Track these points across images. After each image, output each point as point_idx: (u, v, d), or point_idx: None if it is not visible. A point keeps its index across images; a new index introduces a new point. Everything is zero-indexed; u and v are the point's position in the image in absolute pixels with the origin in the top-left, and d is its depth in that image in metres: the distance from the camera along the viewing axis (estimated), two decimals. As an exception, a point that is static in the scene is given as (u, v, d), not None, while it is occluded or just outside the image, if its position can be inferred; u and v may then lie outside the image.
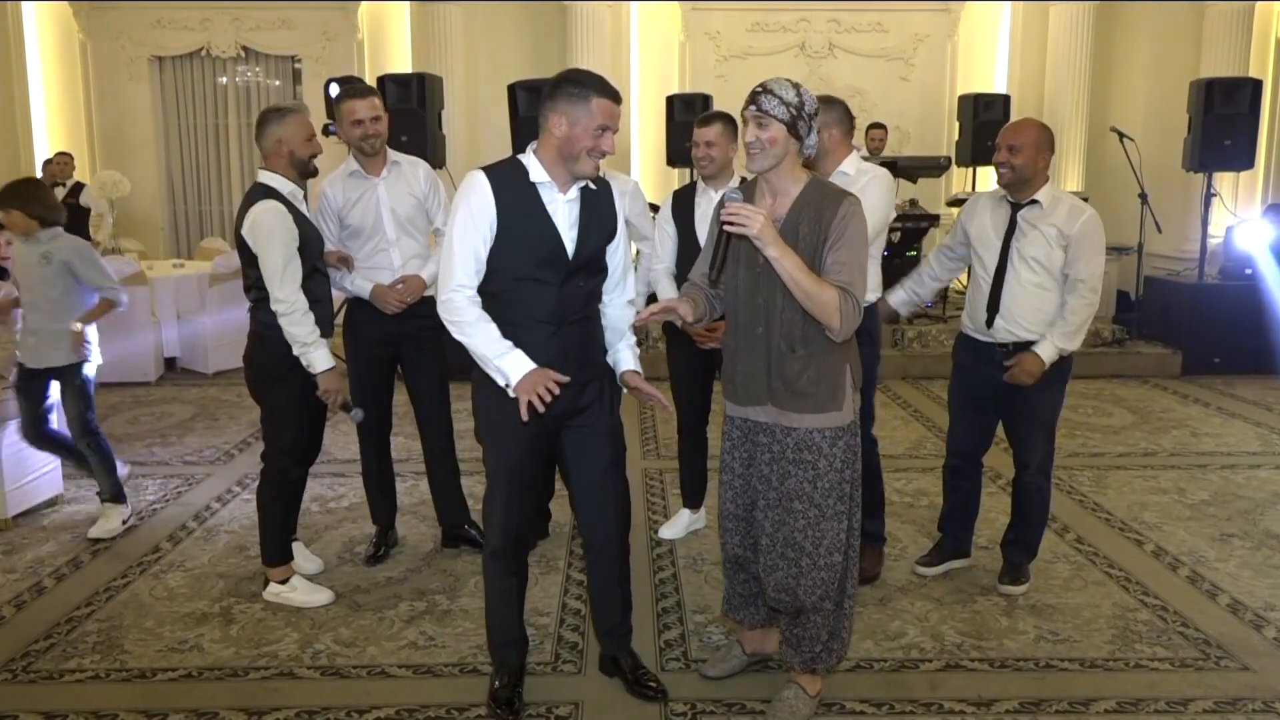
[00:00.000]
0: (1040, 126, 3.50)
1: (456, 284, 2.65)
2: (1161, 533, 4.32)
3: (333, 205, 3.76)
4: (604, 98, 2.59)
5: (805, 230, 2.61)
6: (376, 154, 3.74)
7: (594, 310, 2.82)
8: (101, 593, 3.74)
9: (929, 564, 3.88)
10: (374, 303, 3.74)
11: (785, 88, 2.57)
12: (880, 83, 9.92)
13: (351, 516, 4.49)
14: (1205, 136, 7.57)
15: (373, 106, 3.69)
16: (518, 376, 2.61)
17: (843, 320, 2.55)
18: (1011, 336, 3.53)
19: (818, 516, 2.71)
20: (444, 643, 3.34)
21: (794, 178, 2.65)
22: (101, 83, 9.99)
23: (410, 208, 3.80)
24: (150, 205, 10.14)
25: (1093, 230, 3.44)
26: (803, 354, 2.64)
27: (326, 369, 3.40)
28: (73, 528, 4.40)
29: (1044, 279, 3.47)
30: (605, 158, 2.65)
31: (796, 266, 2.51)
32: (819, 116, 2.65)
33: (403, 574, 3.90)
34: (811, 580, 2.74)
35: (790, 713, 2.84)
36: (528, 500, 2.87)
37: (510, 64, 9.14)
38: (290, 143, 3.39)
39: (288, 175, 3.43)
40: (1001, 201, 3.57)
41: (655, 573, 3.90)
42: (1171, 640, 3.34)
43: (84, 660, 3.22)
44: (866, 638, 3.36)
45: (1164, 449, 5.63)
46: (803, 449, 2.69)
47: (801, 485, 2.70)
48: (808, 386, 2.65)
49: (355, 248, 3.78)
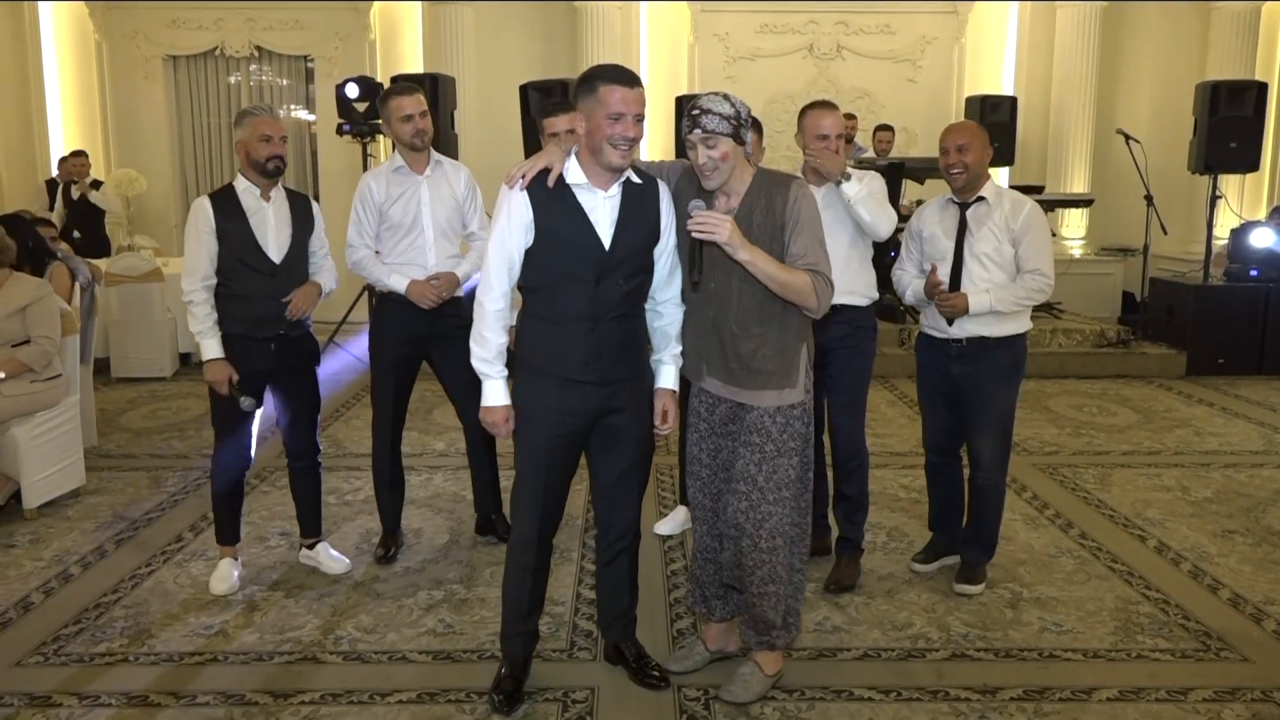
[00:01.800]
0: (978, 125, 3.66)
1: (487, 284, 2.76)
2: (1164, 529, 4.39)
3: (375, 198, 3.83)
4: (610, 83, 2.61)
5: (759, 219, 2.74)
6: (423, 150, 3.83)
7: (634, 310, 2.85)
8: (127, 580, 3.83)
9: (924, 561, 3.94)
10: (409, 297, 3.81)
11: (720, 103, 2.69)
12: (888, 84, 9.99)
13: (368, 509, 4.57)
14: (1211, 139, 7.65)
15: (420, 102, 3.81)
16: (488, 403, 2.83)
17: (819, 298, 2.72)
18: (964, 332, 3.60)
19: (759, 499, 2.81)
20: (462, 630, 3.42)
21: (742, 177, 2.78)
22: (117, 82, 10.08)
23: (449, 208, 3.88)
24: (164, 203, 10.24)
25: (1036, 220, 3.54)
26: (757, 334, 2.78)
27: (210, 359, 3.55)
28: (96, 517, 4.50)
29: (995, 273, 3.56)
30: (634, 145, 2.66)
31: (768, 263, 2.66)
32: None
33: (420, 564, 3.99)
34: (752, 561, 2.85)
35: (744, 687, 2.94)
36: (554, 498, 2.90)
37: (521, 64, 9.23)
38: (247, 144, 3.55)
39: (248, 175, 3.61)
40: (948, 204, 3.67)
41: (667, 564, 3.99)
42: (1173, 632, 3.42)
43: (113, 644, 3.32)
44: (874, 628, 3.44)
45: (1168, 448, 5.70)
46: (752, 431, 2.81)
47: (747, 467, 2.82)
48: (762, 364, 2.79)
49: (392, 243, 3.86)
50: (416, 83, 7.24)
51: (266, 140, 3.54)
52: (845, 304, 3.56)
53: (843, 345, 3.63)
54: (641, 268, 2.80)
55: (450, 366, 3.93)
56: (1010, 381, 3.66)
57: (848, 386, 3.70)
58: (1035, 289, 3.53)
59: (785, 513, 2.83)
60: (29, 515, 4.45)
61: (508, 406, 2.83)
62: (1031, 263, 3.52)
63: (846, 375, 3.68)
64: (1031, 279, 3.52)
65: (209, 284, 3.56)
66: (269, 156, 3.55)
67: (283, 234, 3.64)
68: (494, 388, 2.82)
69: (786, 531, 2.85)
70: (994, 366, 3.61)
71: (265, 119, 3.55)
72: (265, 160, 3.55)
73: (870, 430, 4.09)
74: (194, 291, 3.53)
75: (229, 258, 3.56)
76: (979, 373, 3.62)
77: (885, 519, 4.47)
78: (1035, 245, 3.52)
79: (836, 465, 3.78)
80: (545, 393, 2.79)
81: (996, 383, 3.62)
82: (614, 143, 2.63)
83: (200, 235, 3.53)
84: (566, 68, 9.06)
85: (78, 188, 8.72)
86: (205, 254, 3.53)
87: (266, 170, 3.57)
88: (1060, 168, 9.62)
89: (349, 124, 7.81)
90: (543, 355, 2.79)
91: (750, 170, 2.80)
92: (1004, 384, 3.64)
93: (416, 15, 9.60)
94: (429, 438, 5.74)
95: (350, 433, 5.95)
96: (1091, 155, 9.54)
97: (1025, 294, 3.53)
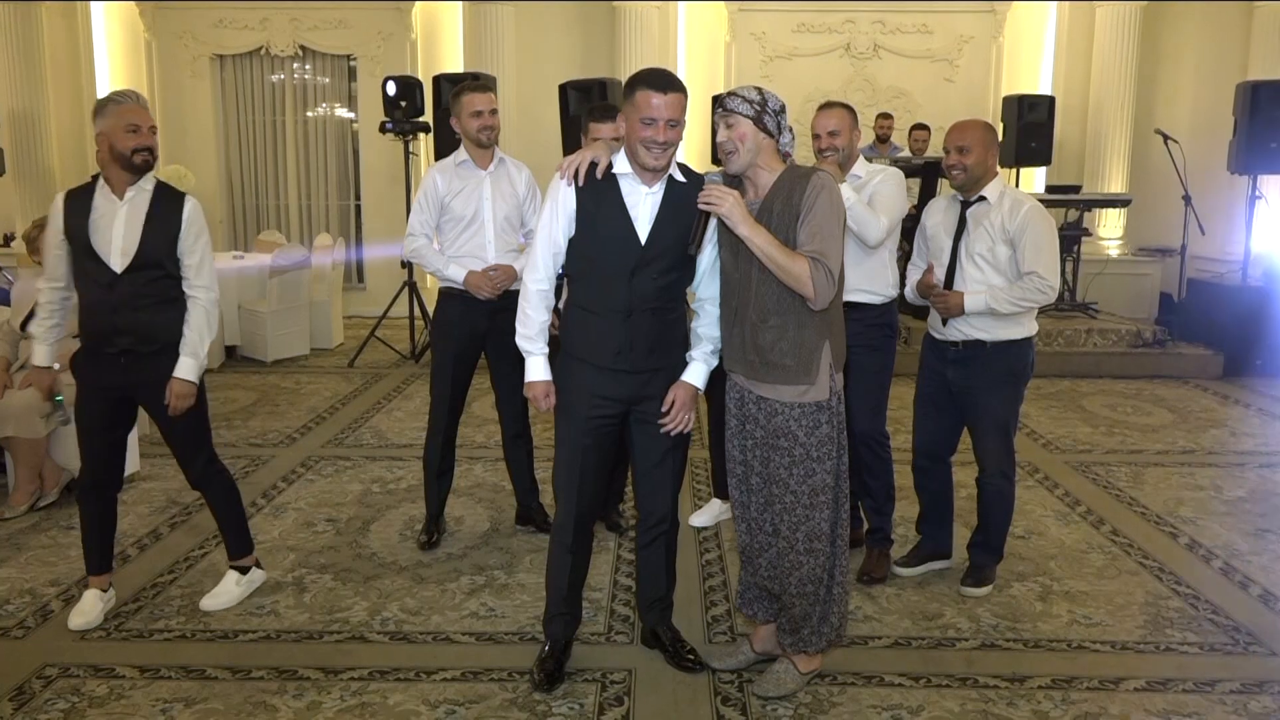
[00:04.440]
0: (985, 125, 3.60)
1: (532, 266, 2.92)
2: (1196, 527, 4.42)
3: (438, 191, 3.95)
4: (646, 89, 2.71)
5: (779, 209, 2.78)
6: (490, 146, 3.95)
7: (669, 304, 2.93)
8: (181, 562, 3.99)
9: (906, 564, 3.88)
10: (466, 288, 3.92)
11: (748, 90, 2.80)
12: (925, 84, 10.00)
13: (411, 497, 4.70)
14: (1251, 139, 7.60)
15: (491, 100, 3.93)
16: (530, 378, 2.98)
17: (816, 288, 2.70)
18: (961, 335, 3.57)
19: (793, 503, 2.86)
20: (504, 613, 3.54)
21: (770, 170, 2.83)
22: (165, 80, 10.34)
23: (510, 205, 4.00)
24: (210, 199, 10.46)
25: (1035, 221, 3.44)
26: (775, 325, 2.79)
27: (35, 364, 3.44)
28: (150, 501, 4.67)
29: (989, 274, 3.50)
30: (666, 149, 2.74)
31: (767, 242, 2.70)
32: (785, 114, 2.82)
33: (462, 550, 4.11)
34: (789, 563, 2.90)
35: (776, 683, 3.00)
36: (592, 481, 3.01)
37: (561, 64, 9.36)
38: (110, 134, 3.17)
39: (106, 170, 3.24)
40: (954, 201, 3.65)
41: (701, 554, 4.08)
42: (1201, 626, 3.46)
43: (171, 622, 3.46)
44: (905, 617, 3.51)
45: (1202, 447, 5.70)
46: (779, 435, 2.85)
47: (778, 471, 2.86)
48: (780, 358, 2.81)
49: (452, 236, 3.97)
50: (456, 82, 7.45)
51: (134, 130, 3.16)
52: (859, 301, 3.60)
53: (859, 342, 3.58)
54: (676, 264, 2.89)
55: (500, 356, 4.03)
56: (1007, 388, 3.58)
57: (868, 384, 3.72)
58: (1033, 290, 3.43)
59: (824, 516, 2.88)
60: (87, 499, 4.62)
61: (548, 381, 2.97)
62: (1029, 265, 3.43)
63: (867, 373, 3.69)
64: (1029, 281, 3.43)
65: (55, 286, 3.32)
66: (136, 148, 3.17)
67: (130, 238, 3.20)
68: (536, 363, 2.96)
69: (827, 534, 2.89)
70: (990, 373, 3.55)
71: (131, 106, 3.19)
72: (131, 152, 3.16)
73: (892, 425, 4.10)
74: (40, 291, 3.36)
75: (75, 262, 3.26)
76: (974, 378, 3.57)
77: (912, 513, 4.50)
78: (1034, 247, 3.43)
79: (859, 459, 3.76)
80: (582, 378, 2.92)
81: (991, 389, 3.56)
82: (646, 145, 2.75)
83: (51, 234, 3.29)
84: (605, 67, 9.17)
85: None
86: (53, 254, 3.29)
87: (133, 164, 3.19)
88: (1098, 168, 9.59)
89: (391, 122, 7.96)
90: (580, 342, 2.93)
91: (781, 165, 2.85)
92: (1000, 390, 3.56)
93: (457, 15, 9.75)
94: (469, 430, 5.87)
95: (392, 424, 6.09)
96: (1130, 155, 9.50)
97: (1022, 296, 3.44)
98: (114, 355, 3.25)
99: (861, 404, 3.70)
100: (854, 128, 3.64)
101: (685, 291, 3.02)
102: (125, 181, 3.23)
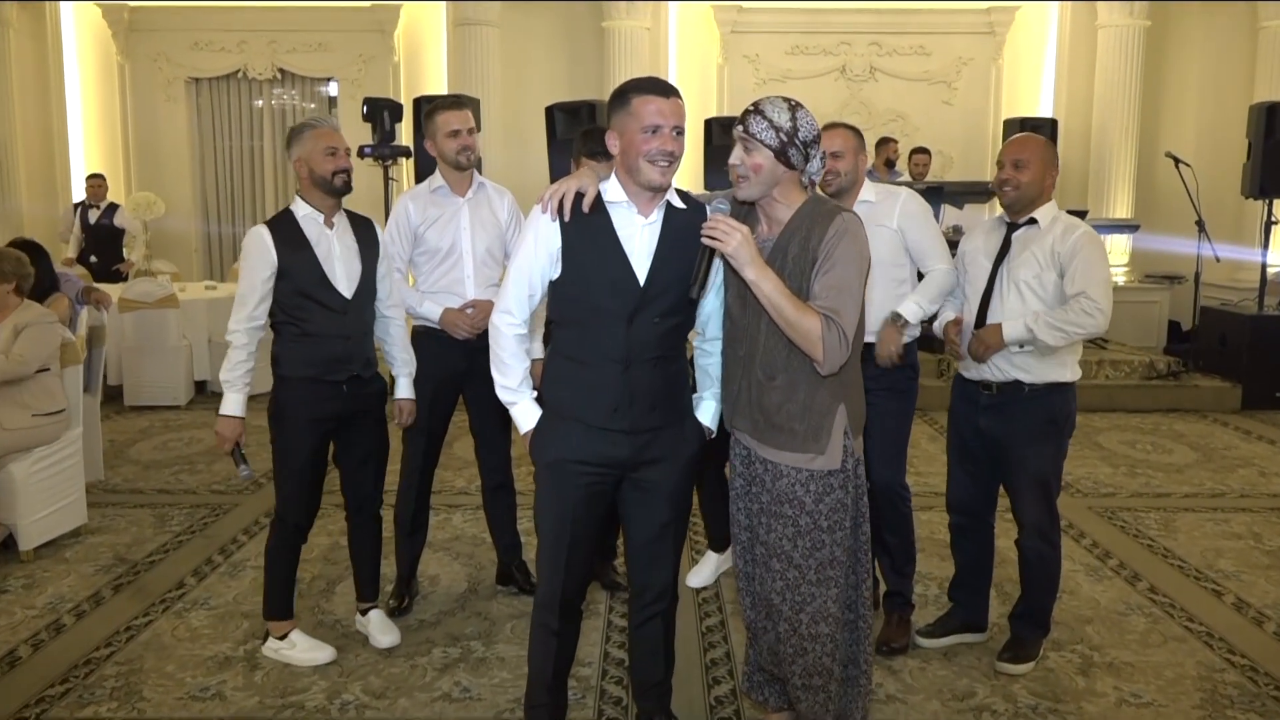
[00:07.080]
0: (1047, 143, 3.21)
1: (504, 308, 2.50)
2: (1240, 582, 4.05)
3: (411, 220, 3.55)
4: (645, 94, 2.34)
5: (794, 252, 2.37)
6: (468, 169, 3.57)
7: (672, 353, 2.54)
8: (122, 632, 3.57)
9: (931, 635, 3.45)
10: (442, 327, 3.54)
11: (779, 109, 2.35)
12: (922, 106, 9.72)
13: (385, 552, 4.29)
14: (1266, 162, 7.31)
15: (468, 119, 3.55)
16: (524, 428, 2.54)
17: (826, 351, 2.28)
18: (998, 375, 3.17)
19: (797, 579, 2.45)
20: (479, 694, 3.14)
21: (789, 204, 2.42)
22: (139, 104, 9.98)
23: (491, 235, 3.61)
24: (184, 226, 10.10)
25: (1088, 246, 3.07)
26: (783, 384, 2.39)
27: (225, 414, 3.24)
28: (94, 558, 4.25)
29: (1033, 303, 3.10)
30: (674, 161, 2.37)
31: (776, 290, 2.28)
32: (820, 144, 2.42)
33: (435, 616, 3.71)
34: (792, 649, 2.48)
35: None
36: (579, 557, 2.59)
37: (547, 86, 9.05)
38: (309, 159, 3.15)
39: (309, 197, 3.21)
40: (999, 223, 3.27)
41: (701, 619, 3.69)
42: (1265, 706, 3.08)
43: (100, 708, 3.05)
44: (933, 697, 3.12)
45: (1232, 489, 5.34)
46: (783, 501, 2.44)
47: (780, 541, 2.45)
48: (786, 421, 2.40)
49: (427, 270, 3.59)
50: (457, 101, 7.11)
51: (332, 154, 3.14)
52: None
53: (879, 385, 3.19)
54: (680, 305, 2.48)
55: (479, 400, 3.67)
56: (1048, 440, 3.17)
57: (887, 431, 3.33)
58: (1081, 314, 3.02)
59: (831, 595, 2.46)
60: (25, 557, 4.21)
61: None
62: (1079, 285, 3.03)
63: (886, 419, 3.30)
64: (1077, 303, 3.03)
65: (255, 326, 3.18)
66: (336, 171, 3.15)
67: (351, 265, 3.23)
68: (524, 411, 2.54)
69: (835, 616, 2.47)
70: (1028, 422, 3.15)
71: (327, 130, 3.17)
72: (332, 175, 3.15)
73: (911, 468, 3.71)
74: (236, 333, 3.16)
75: (293, 294, 3.16)
76: (1009, 428, 3.17)
77: (935, 568, 4.15)
78: (1085, 268, 3.04)
79: (877, 514, 3.34)
80: (569, 440, 2.50)
81: (1030, 442, 3.15)
82: (651, 159, 2.34)
83: (254, 268, 3.14)
84: (593, 89, 8.86)
85: (95, 211, 8.58)
86: (258, 290, 3.15)
87: (334, 187, 3.17)
88: (1102, 192, 9.29)
89: (369, 147, 7.60)
90: (568, 398, 2.51)
91: (801, 197, 2.44)
92: (1039, 443, 3.16)
93: (441, 36, 9.44)
94: (447, 474, 5.47)
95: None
96: (1135, 180, 9.21)
97: (1068, 320, 3.03)
98: (337, 384, 3.24)
99: (880, 453, 3.30)
100: (860, 151, 3.28)
101: (687, 337, 2.63)
102: (332, 208, 3.24)
